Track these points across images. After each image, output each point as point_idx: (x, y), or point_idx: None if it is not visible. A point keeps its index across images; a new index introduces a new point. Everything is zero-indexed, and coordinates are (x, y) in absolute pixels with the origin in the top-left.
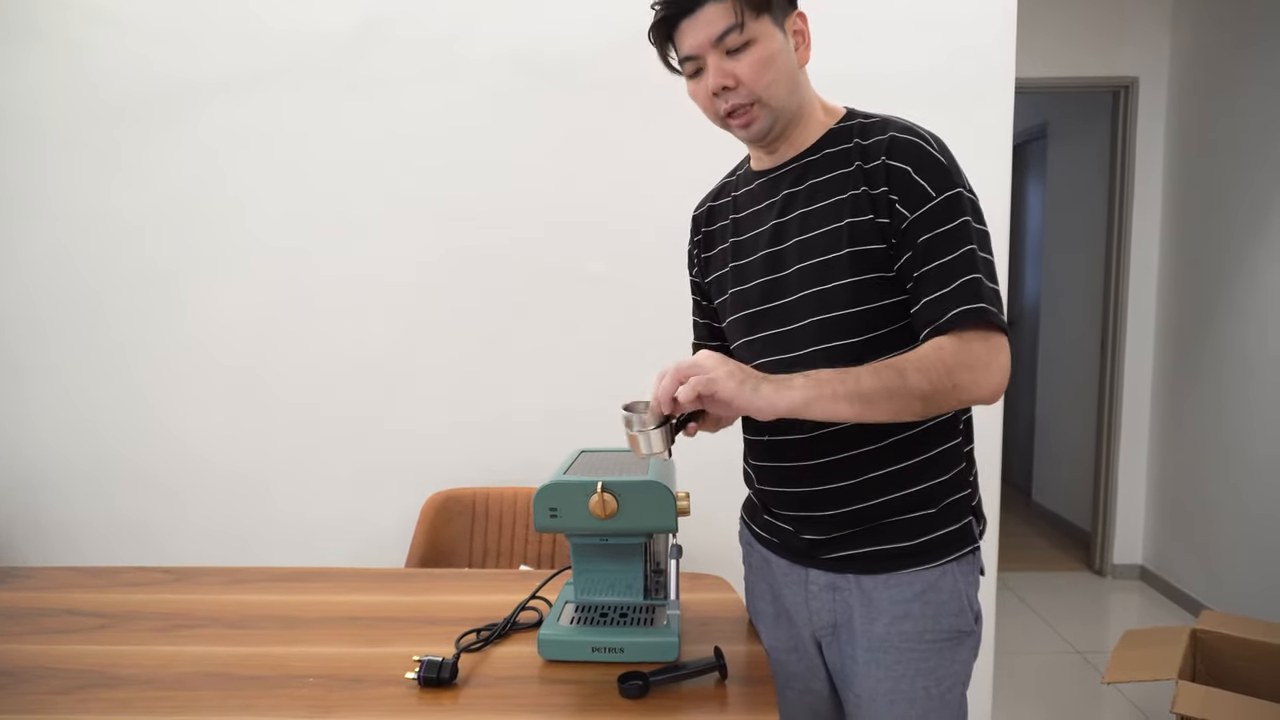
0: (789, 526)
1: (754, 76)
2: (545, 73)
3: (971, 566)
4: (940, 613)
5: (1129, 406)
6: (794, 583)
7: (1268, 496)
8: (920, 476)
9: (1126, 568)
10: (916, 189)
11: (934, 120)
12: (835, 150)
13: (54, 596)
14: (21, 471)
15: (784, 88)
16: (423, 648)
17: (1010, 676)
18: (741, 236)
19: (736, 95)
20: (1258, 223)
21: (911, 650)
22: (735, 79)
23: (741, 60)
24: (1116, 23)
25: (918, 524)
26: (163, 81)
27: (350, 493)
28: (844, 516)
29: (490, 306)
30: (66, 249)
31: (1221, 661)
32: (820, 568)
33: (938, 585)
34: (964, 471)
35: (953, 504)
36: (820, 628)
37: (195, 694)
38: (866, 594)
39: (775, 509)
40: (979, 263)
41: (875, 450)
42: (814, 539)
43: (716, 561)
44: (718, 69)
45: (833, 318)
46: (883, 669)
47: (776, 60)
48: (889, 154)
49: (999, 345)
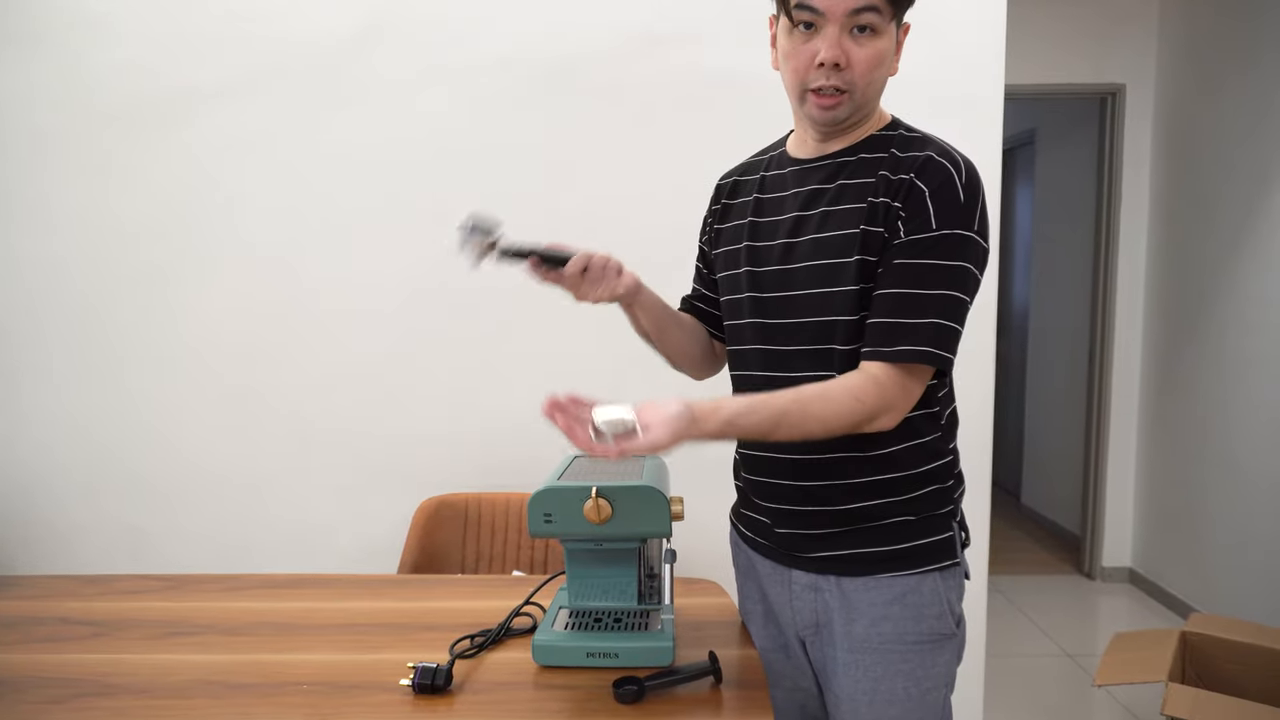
0: (765, 519)
1: (866, 68)
2: (541, 77)
3: (954, 574)
4: (920, 615)
5: (1117, 410)
6: (778, 583)
7: (1256, 499)
8: (905, 488)
9: (1115, 570)
10: (923, 215)
11: (923, 126)
12: (869, 156)
13: (47, 605)
14: (15, 477)
15: (878, 90)
16: (417, 654)
17: (1000, 679)
18: (762, 219)
19: (839, 77)
20: (1244, 227)
21: (891, 651)
22: (848, 60)
23: (864, 46)
24: (1104, 30)
25: (899, 530)
26: (157, 87)
27: (343, 498)
28: (823, 515)
29: (485, 311)
30: (61, 254)
31: (1211, 663)
32: (802, 568)
33: (918, 589)
34: (950, 489)
35: (936, 516)
36: (803, 627)
37: (190, 702)
38: (846, 596)
39: (757, 499)
40: (947, 305)
41: (863, 458)
42: (790, 533)
43: (710, 566)
44: (836, 42)
45: (830, 321)
46: (862, 669)
47: (885, 60)
48: (919, 173)
49: (923, 381)
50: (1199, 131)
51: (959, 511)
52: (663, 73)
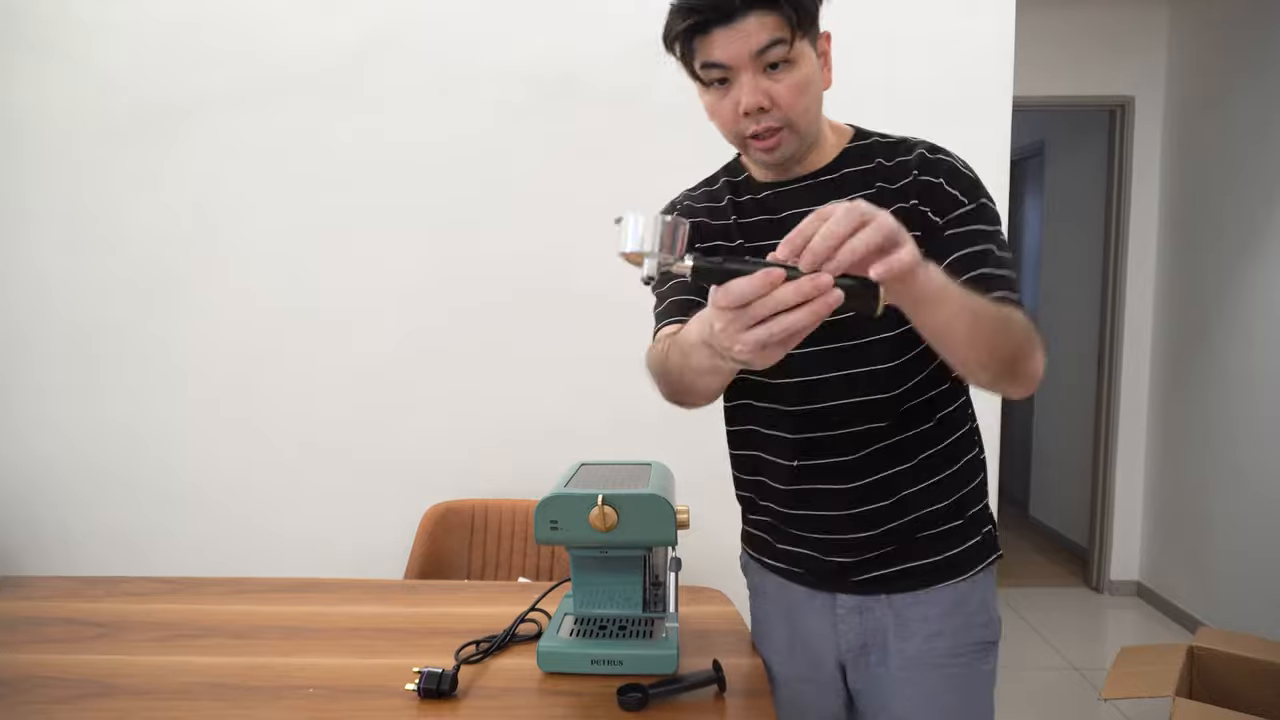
0: (810, 551)
1: (793, 99)
2: (546, 87)
3: (993, 575)
4: (970, 625)
5: (1126, 423)
6: (817, 609)
7: (1265, 513)
8: (950, 490)
9: (1124, 584)
10: (949, 197)
11: (932, 136)
12: (856, 170)
13: (52, 606)
14: (16, 484)
15: (816, 112)
16: (422, 659)
17: (1008, 693)
18: (757, 244)
19: (769, 118)
20: (1253, 239)
21: (947, 666)
22: (771, 100)
23: (781, 80)
24: (1113, 42)
25: (949, 537)
26: (162, 96)
27: (349, 504)
28: (878, 537)
29: (490, 319)
30: (64, 261)
31: (1218, 678)
32: (849, 591)
33: (967, 598)
34: (983, 481)
35: (977, 514)
36: (847, 651)
37: (195, 704)
38: (899, 612)
39: (799, 532)
40: (1008, 264)
41: (909, 468)
42: (844, 561)
43: (716, 575)
44: (754, 87)
45: (859, 344)
46: (919, 685)
47: (813, 83)
48: (920, 170)
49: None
50: (1208, 144)
51: (988, 502)
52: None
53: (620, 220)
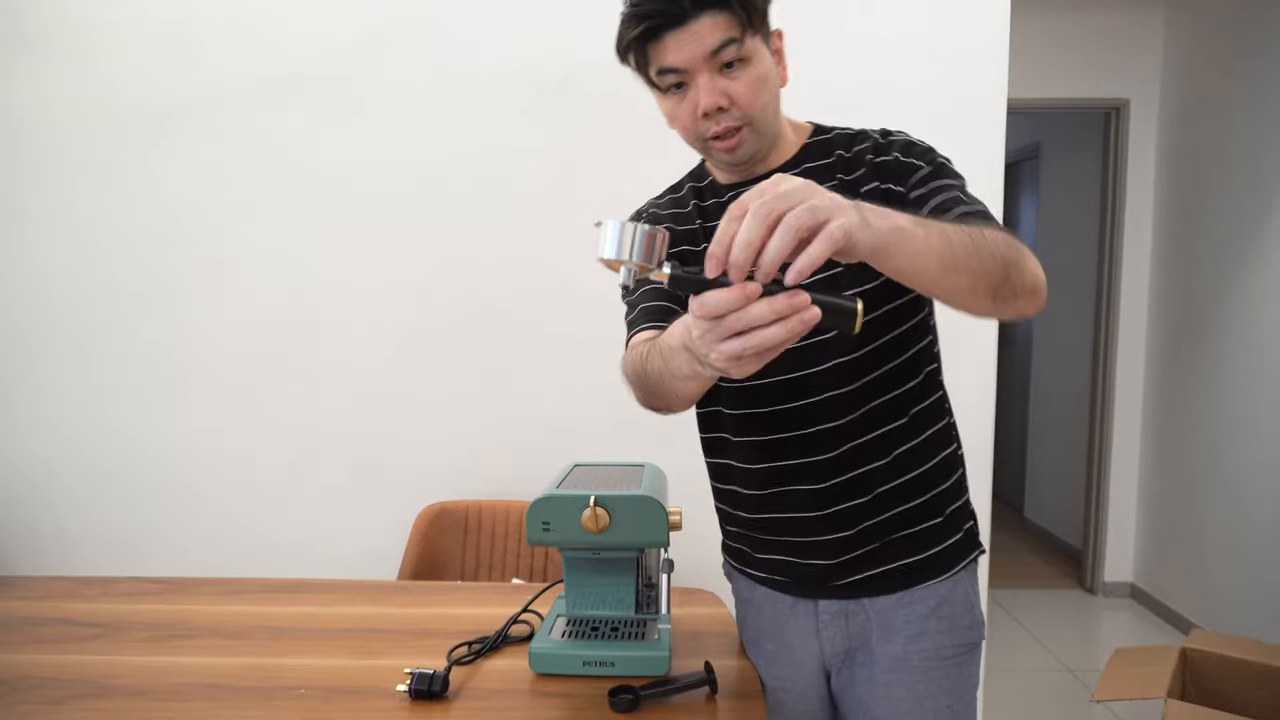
0: (786, 556)
1: (751, 97)
2: (545, 87)
3: (976, 574)
4: (954, 627)
5: (1120, 424)
6: (800, 615)
7: (1259, 515)
8: (926, 486)
9: (1117, 585)
10: (906, 166)
11: (927, 138)
12: (817, 165)
13: (47, 606)
14: (15, 485)
15: (774, 110)
16: (414, 660)
17: (1001, 694)
18: None
19: (729, 117)
20: (1247, 241)
21: (932, 669)
22: (730, 99)
23: (738, 79)
24: (1108, 45)
25: (928, 535)
26: (162, 96)
27: (344, 504)
28: (855, 537)
29: (486, 320)
30: (64, 261)
31: (1211, 680)
32: (831, 596)
33: (950, 599)
34: (961, 477)
35: (956, 510)
36: (832, 656)
37: (188, 704)
38: (882, 615)
39: (772, 538)
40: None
41: (883, 465)
42: (823, 565)
43: (708, 576)
44: (711, 88)
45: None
46: (903, 688)
47: (769, 80)
48: (875, 152)
49: None
50: (1203, 147)
51: (968, 498)
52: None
53: (600, 225)
